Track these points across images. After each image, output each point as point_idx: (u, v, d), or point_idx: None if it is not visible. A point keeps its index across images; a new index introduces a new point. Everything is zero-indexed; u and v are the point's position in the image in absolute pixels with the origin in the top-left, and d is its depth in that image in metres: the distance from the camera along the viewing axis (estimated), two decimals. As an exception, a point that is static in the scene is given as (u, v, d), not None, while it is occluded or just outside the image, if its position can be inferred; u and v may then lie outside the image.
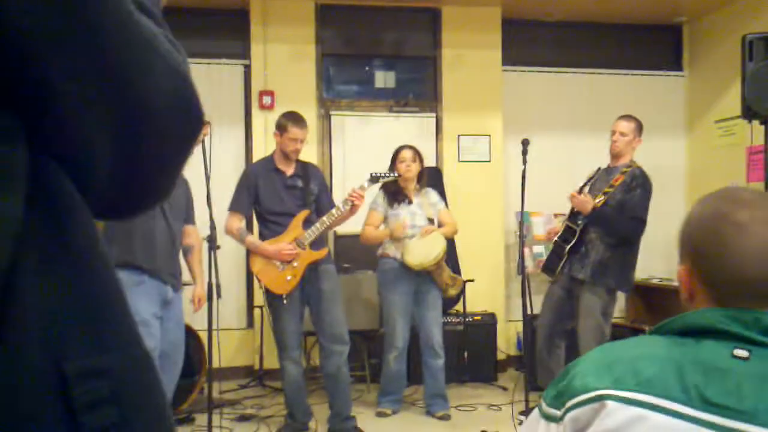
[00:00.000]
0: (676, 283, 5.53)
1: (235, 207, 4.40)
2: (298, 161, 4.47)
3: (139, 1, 0.62)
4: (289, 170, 4.42)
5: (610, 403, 1.04)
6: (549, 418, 1.13)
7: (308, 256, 4.32)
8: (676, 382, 1.04)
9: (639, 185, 4.47)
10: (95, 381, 0.60)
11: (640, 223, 4.45)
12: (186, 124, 0.65)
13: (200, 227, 4.32)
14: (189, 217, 4.18)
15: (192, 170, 4.00)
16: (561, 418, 1.10)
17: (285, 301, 4.28)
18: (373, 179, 4.57)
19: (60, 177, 0.63)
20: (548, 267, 4.73)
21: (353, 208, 4.37)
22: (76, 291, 0.62)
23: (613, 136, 4.63)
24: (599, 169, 4.74)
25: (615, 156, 4.65)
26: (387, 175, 4.64)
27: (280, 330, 4.35)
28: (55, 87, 0.57)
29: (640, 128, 4.64)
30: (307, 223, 4.35)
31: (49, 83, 0.57)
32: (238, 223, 4.40)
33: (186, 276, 4.26)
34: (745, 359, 1.05)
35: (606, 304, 4.49)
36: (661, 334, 1.15)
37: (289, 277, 4.30)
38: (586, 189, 4.63)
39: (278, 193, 4.38)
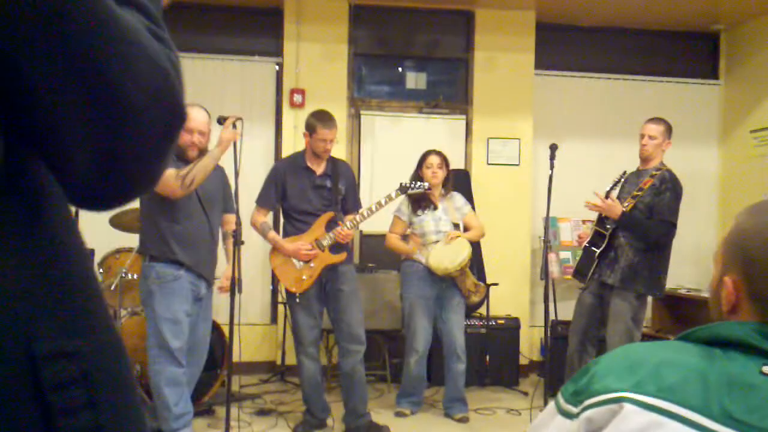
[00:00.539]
0: (704, 294, 5.38)
1: (261, 201, 4.43)
2: (329, 158, 4.46)
3: None
4: (319, 169, 4.42)
5: (627, 406, 1.01)
6: (565, 414, 1.10)
7: (326, 258, 4.34)
8: (698, 392, 1.00)
9: (669, 188, 4.41)
10: (65, 362, 0.62)
11: (670, 227, 4.39)
12: (167, 119, 0.65)
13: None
14: (228, 206, 4.17)
15: (222, 165, 4.05)
16: (577, 416, 1.07)
17: (298, 300, 4.31)
18: (402, 189, 4.54)
19: (36, 166, 0.64)
20: (579, 272, 4.68)
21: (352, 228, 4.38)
22: (49, 275, 0.64)
23: (642, 140, 4.56)
24: (625, 172, 4.69)
25: (645, 159, 4.58)
26: (417, 186, 4.58)
27: (296, 326, 4.39)
28: (31, 82, 0.58)
29: (669, 131, 4.56)
30: (331, 224, 4.36)
31: (25, 79, 0.58)
32: (263, 217, 4.43)
33: (220, 265, 4.25)
34: None
35: (636, 309, 4.44)
36: (686, 342, 1.11)
37: (305, 277, 4.32)
38: (614, 193, 4.58)
39: (306, 193, 4.38)
